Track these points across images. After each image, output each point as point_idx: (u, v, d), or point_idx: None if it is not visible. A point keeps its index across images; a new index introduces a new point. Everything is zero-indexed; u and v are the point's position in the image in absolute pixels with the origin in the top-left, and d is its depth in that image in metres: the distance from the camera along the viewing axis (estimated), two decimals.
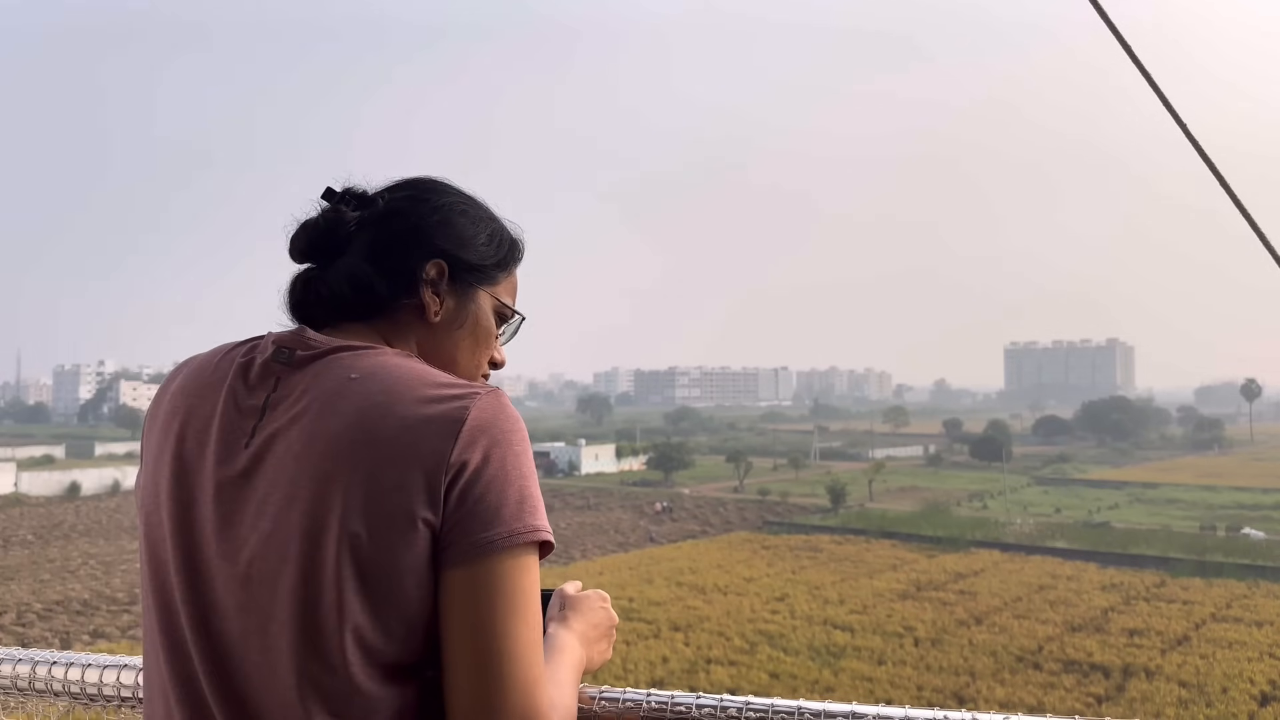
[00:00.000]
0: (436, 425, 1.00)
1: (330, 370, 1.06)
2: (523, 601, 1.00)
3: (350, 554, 0.97)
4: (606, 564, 51.60)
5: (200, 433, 1.08)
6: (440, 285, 1.19)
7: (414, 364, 1.08)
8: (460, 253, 1.21)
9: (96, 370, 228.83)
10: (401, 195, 1.22)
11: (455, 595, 0.99)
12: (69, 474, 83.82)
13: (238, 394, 1.08)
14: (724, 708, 1.28)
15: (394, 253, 1.17)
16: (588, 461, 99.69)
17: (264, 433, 1.04)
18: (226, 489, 1.04)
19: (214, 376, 1.12)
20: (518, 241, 1.30)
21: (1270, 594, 43.95)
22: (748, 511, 71.58)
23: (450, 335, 1.21)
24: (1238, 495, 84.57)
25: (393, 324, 1.17)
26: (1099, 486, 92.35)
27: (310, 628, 0.97)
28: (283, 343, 1.11)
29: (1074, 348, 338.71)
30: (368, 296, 1.16)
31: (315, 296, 1.17)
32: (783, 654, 34.13)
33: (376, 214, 1.19)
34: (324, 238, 1.18)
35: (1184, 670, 31.87)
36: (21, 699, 1.67)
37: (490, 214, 1.28)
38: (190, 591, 1.03)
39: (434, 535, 0.99)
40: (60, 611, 41.20)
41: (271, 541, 1.00)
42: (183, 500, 1.07)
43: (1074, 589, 44.91)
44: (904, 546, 57.08)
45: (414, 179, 1.26)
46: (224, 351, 1.15)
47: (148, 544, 1.10)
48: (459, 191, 1.27)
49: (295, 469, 1.00)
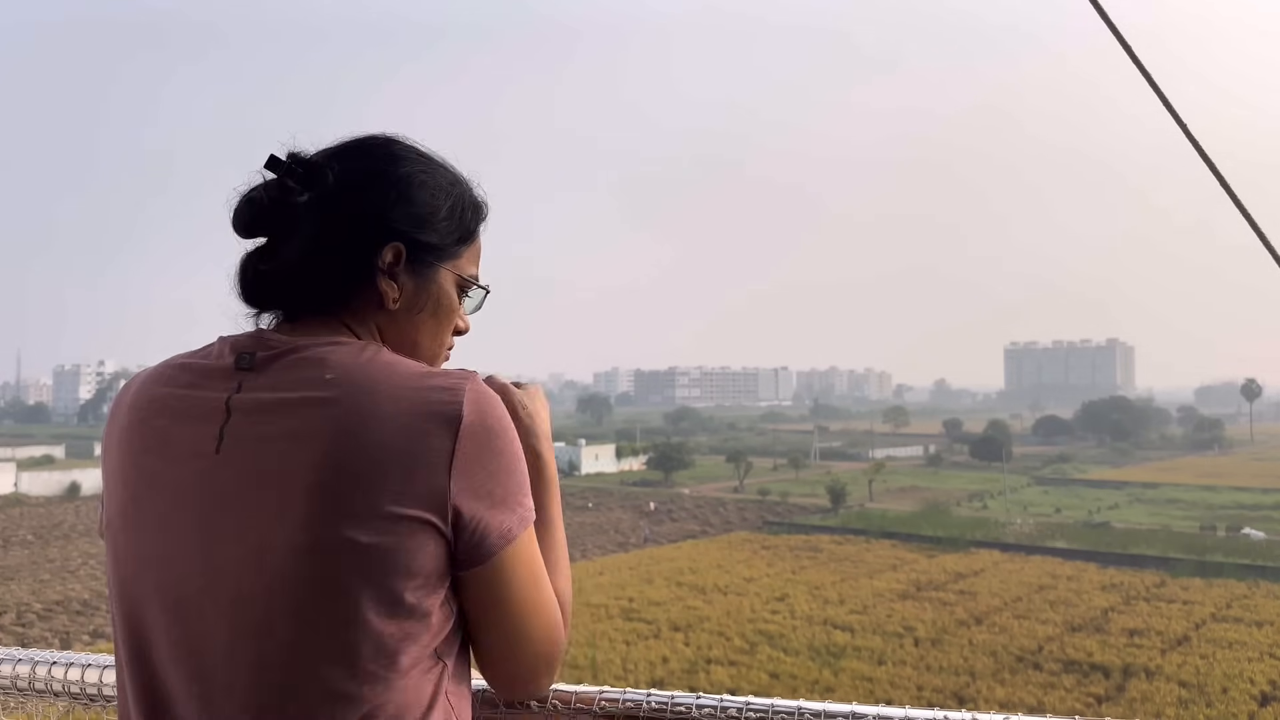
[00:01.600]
0: (433, 424, 0.97)
1: (300, 370, 1.02)
2: (538, 570, 1.08)
3: (357, 565, 0.94)
4: (606, 564, 51.59)
5: (160, 444, 1.03)
6: (398, 269, 1.12)
7: (390, 359, 1.04)
8: (419, 233, 1.12)
9: (96, 370, 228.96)
10: (354, 167, 1.12)
11: (479, 589, 1.04)
12: (69, 474, 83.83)
13: (196, 400, 1.03)
14: (724, 708, 1.28)
15: (348, 239, 1.09)
16: (588, 461, 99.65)
17: (234, 437, 1.00)
18: (198, 499, 0.99)
19: (166, 387, 1.06)
20: (481, 205, 1.22)
21: (1270, 594, 43.94)
22: (748, 511, 71.60)
23: (411, 319, 1.14)
24: (1238, 495, 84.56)
25: (350, 311, 1.11)
26: (1099, 486, 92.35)
27: (316, 642, 0.94)
28: (241, 346, 1.06)
29: (1074, 348, 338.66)
30: (322, 287, 1.10)
31: (268, 283, 1.10)
32: (783, 654, 34.13)
33: (327, 190, 1.09)
34: (269, 214, 1.09)
35: (1184, 670, 31.86)
36: (21, 699, 1.67)
37: (452, 177, 1.19)
38: (170, 612, 0.99)
39: (443, 536, 0.98)
40: (60, 611, 41.21)
41: (265, 554, 0.95)
42: (152, 514, 1.02)
43: (1074, 589, 44.91)
44: (904, 546, 57.08)
45: (366, 141, 1.16)
46: (174, 362, 1.09)
47: (119, 568, 1.05)
48: (417, 155, 1.16)
49: (282, 477, 0.96)
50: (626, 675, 30.91)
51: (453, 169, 1.20)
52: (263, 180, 1.11)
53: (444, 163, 1.19)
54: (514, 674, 1.11)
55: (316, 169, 1.10)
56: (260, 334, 1.08)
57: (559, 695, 1.28)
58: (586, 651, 33.46)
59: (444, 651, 1.03)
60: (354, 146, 1.16)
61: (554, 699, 1.28)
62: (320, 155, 1.14)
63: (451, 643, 1.04)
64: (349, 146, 1.16)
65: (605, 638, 35.77)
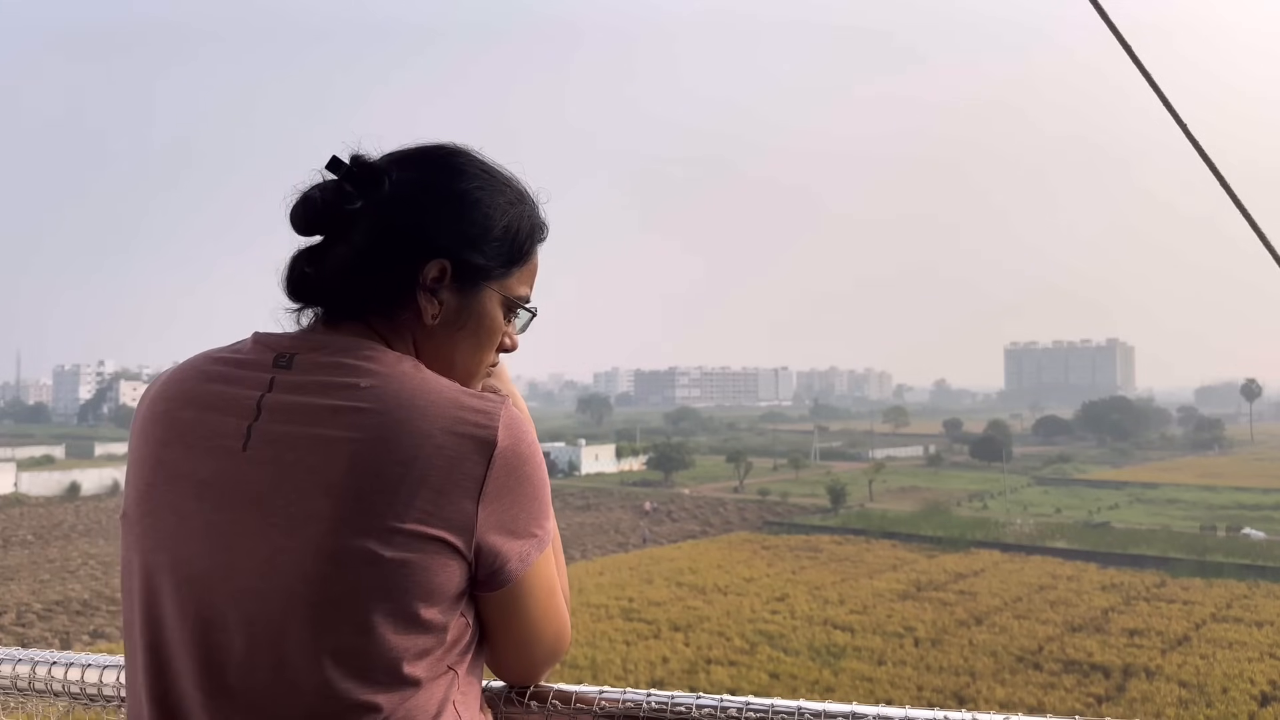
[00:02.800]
0: (467, 446, 0.98)
1: (336, 375, 1.01)
2: (552, 582, 1.13)
3: (374, 576, 0.94)
4: (606, 564, 51.60)
5: (185, 436, 1.03)
6: (440, 286, 1.10)
7: (426, 375, 1.04)
8: (466, 252, 1.11)
9: (96, 370, 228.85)
10: (411, 178, 1.11)
11: (496, 606, 1.07)
12: (69, 474, 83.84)
13: (227, 395, 1.03)
14: (724, 708, 1.28)
15: (394, 250, 1.08)
16: (588, 462, 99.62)
17: (262, 436, 0.99)
18: (221, 494, 0.99)
19: (197, 380, 1.06)
20: (539, 227, 1.20)
21: (1270, 594, 43.94)
22: (748, 511, 71.59)
23: (449, 336, 1.13)
24: (1238, 495, 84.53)
25: (389, 322, 1.10)
26: (1099, 486, 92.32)
27: (330, 649, 0.94)
28: (279, 345, 1.06)
29: (1074, 348, 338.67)
30: (362, 296, 1.09)
31: (311, 285, 1.11)
32: (783, 654, 34.14)
33: (381, 198, 1.09)
34: (322, 216, 1.10)
35: (1184, 670, 31.87)
36: (21, 699, 1.66)
37: (513, 194, 1.16)
38: (185, 606, 0.98)
39: (465, 560, 0.99)
40: (60, 611, 41.21)
41: (286, 557, 0.95)
42: (170, 503, 1.01)
43: (1074, 589, 44.91)
44: (904, 547, 57.08)
45: (428, 150, 1.15)
46: (209, 355, 1.10)
47: (136, 557, 1.04)
48: (478, 169, 1.15)
49: (309, 481, 0.96)
50: (626, 675, 30.92)
51: (518, 186, 1.18)
52: (322, 180, 1.11)
53: (509, 179, 1.17)
54: (521, 671, 1.20)
55: (374, 175, 1.10)
56: (299, 335, 1.09)
57: (559, 695, 1.28)
58: (586, 651, 33.48)
59: (456, 663, 1.03)
60: (416, 155, 1.14)
61: (554, 699, 1.28)
62: (383, 160, 1.13)
63: (464, 654, 1.05)
64: (411, 155, 1.14)
65: (605, 638, 35.78)
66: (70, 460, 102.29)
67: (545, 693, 1.27)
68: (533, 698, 1.27)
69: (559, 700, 1.28)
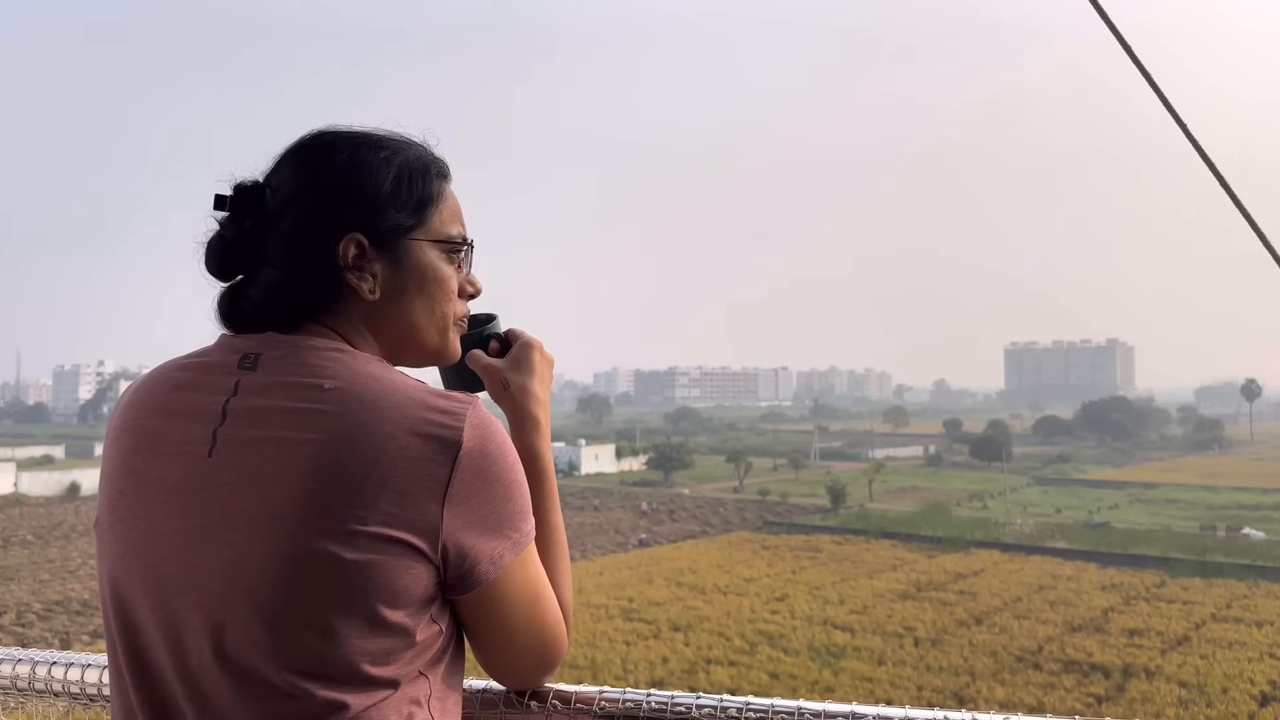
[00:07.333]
0: (431, 447, 0.96)
1: (298, 375, 1.00)
2: (536, 587, 1.09)
3: (336, 579, 0.93)
4: (606, 564, 51.61)
5: (152, 444, 1.02)
6: (365, 260, 1.07)
7: (392, 377, 1.02)
8: (372, 218, 1.07)
9: (96, 370, 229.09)
10: (287, 176, 1.08)
11: (472, 610, 1.05)
12: (69, 474, 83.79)
13: (192, 401, 1.02)
14: (724, 708, 1.28)
15: (305, 247, 1.06)
16: (587, 462, 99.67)
17: (228, 441, 0.98)
18: (189, 500, 0.98)
19: (164, 388, 1.06)
20: (433, 163, 1.15)
21: (1270, 594, 43.97)
22: (748, 511, 71.62)
23: (398, 304, 1.10)
24: (1238, 495, 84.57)
25: (335, 315, 1.08)
26: (1099, 486, 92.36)
27: (293, 651, 0.93)
28: (245, 347, 1.05)
29: (1074, 348, 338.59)
30: (298, 304, 1.07)
31: (246, 314, 1.08)
32: (783, 654, 34.15)
33: (270, 209, 1.06)
34: (231, 255, 1.08)
35: (1184, 670, 31.89)
36: (21, 699, 1.67)
37: (392, 145, 1.12)
38: (158, 612, 0.98)
39: (431, 563, 0.98)
40: (60, 611, 41.26)
41: (249, 561, 0.94)
42: (138, 510, 1.01)
43: (1074, 589, 44.94)
44: (904, 547, 57.12)
45: (295, 145, 1.12)
46: (175, 363, 1.09)
47: (107, 565, 1.04)
48: (348, 140, 1.11)
49: (273, 485, 0.95)
50: (626, 675, 30.93)
51: (392, 138, 1.13)
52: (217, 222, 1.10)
53: (380, 136, 1.13)
54: (509, 676, 1.19)
55: (253, 192, 1.08)
56: (266, 337, 1.06)
57: (559, 695, 1.28)
58: (586, 651, 33.50)
59: (428, 668, 1.01)
60: (285, 154, 1.12)
61: (554, 699, 1.28)
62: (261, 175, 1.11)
63: (438, 660, 1.03)
64: (281, 156, 1.12)
65: (605, 638, 35.80)
66: (70, 460, 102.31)
67: (545, 693, 1.27)
68: (532, 698, 1.27)
69: (559, 700, 1.28)
